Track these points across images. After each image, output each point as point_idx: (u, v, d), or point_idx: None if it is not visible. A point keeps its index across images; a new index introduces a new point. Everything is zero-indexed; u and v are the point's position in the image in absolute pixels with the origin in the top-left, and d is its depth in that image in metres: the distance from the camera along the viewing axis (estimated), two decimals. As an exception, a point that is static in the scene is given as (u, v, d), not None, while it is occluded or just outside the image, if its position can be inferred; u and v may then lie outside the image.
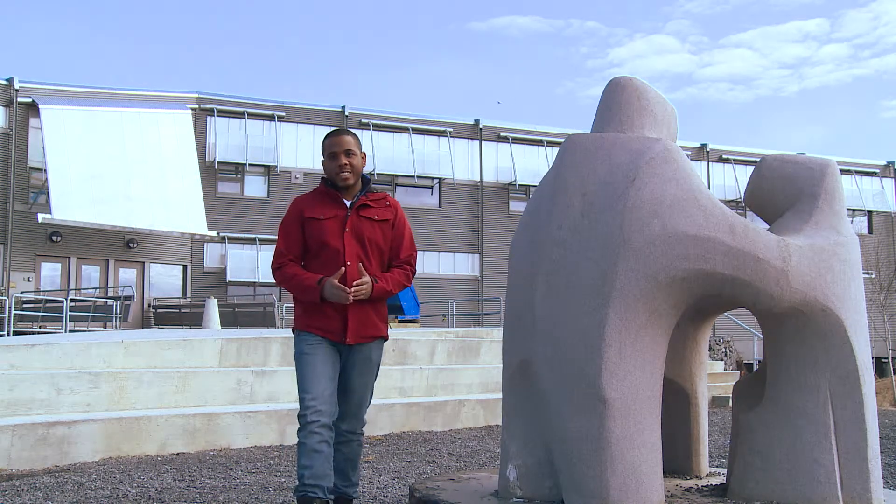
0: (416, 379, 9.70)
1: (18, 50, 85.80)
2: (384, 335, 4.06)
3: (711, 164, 37.48)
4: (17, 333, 18.29)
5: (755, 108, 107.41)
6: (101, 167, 26.71)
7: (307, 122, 31.96)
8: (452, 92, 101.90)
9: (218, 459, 6.58)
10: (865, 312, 3.80)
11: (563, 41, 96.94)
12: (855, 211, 37.93)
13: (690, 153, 36.50)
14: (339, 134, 4.03)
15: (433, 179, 33.75)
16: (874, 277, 26.82)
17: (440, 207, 34.02)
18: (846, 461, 3.60)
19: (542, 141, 35.14)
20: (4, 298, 19.15)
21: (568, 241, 3.57)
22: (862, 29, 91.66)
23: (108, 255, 28.55)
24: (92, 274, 28.53)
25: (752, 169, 4.12)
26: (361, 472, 4.14)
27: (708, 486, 4.01)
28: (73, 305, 21.13)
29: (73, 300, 22.07)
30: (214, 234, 29.38)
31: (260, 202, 31.21)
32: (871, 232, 38.99)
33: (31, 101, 27.34)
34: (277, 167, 31.23)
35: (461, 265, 34.09)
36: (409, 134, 33.44)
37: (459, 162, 34.12)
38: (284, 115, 31.73)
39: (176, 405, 7.61)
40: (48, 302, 22.84)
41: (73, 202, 25.91)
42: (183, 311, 26.63)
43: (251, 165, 30.88)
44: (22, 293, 24.14)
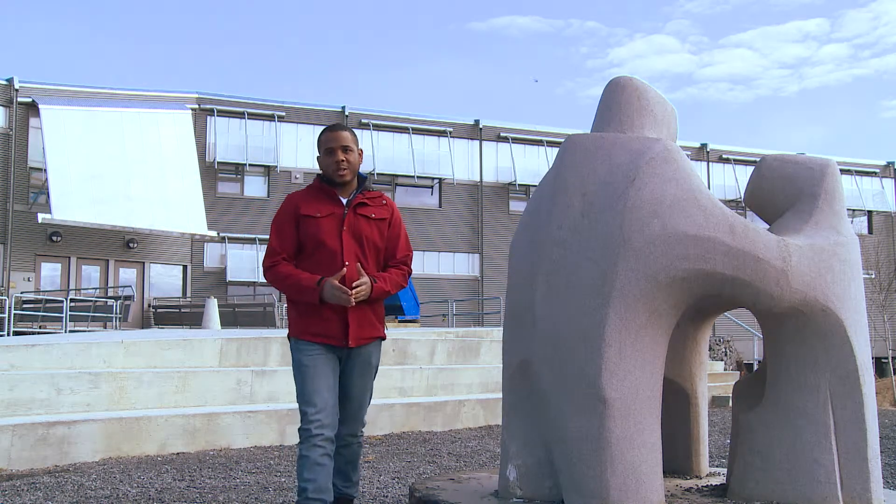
0: (416, 379, 9.70)
1: (18, 50, 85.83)
2: (382, 336, 4.00)
3: (711, 164, 37.48)
4: (17, 333, 18.28)
5: (755, 108, 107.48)
6: (101, 167, 26.72)
7: (307, 122, 31.94)
8: (452, 92, 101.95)
9: (218, 459, 6.58)
10: (865, 312, 3.80)
11: (563, 41, 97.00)
12: (855, 211, 37.93)
13: (690, 153, 36.49)
14: (336, 129, 3.92)
15: (433, 179, 33.75)
16: (874, 277, 26.83)
17: (440, 207, 34.02)
18: (846, 461, 3.60)
19: (542, 141, 35.14)
20: (4, 298, 19.15)
21: (568, 241, 3.57)
22: (862, 29, 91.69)
23: (108, 255, 28.56)
24: (92, 274, 28.53)
25: (752, 169, 4.12)
26: (361, 472, 4.13)
27: (708, 486, 4.01)
28: (73, 305, 21.13)
29: (73, 300, 22.07)
30: (214, 234, 29.39)
31: (260, 202, 31.21)
32: (871, 232, 38.99)
33: (31, 101, 27.35)
34: (277, 167, 31.22)
35: (461, 265, 34.09)
36: (409, 134, 33.44)
37: (459, 162, 34.12)
38: (284, 115, 31.73)
39: (176, 405, 7.61)
40: (48, 302, 22.84)
41: (73, 202, 25.91)
42: (183, 311, 26.64)
43: (251, 165, 30.88)
44: (22, 293, 24.14)
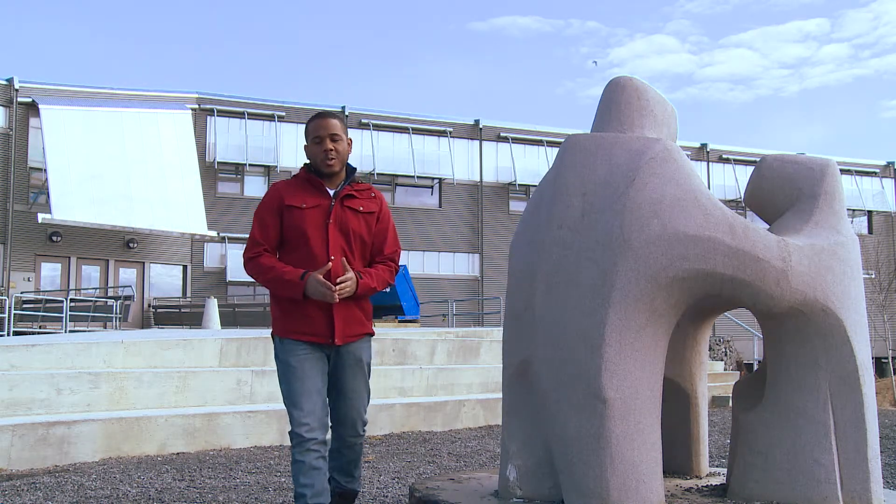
0: (416, 379, 9.69)
1: (18, 50, 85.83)
2: (371, 332, 3.85)
3: (711, 164, 37.49)
4: (17, 333, 18.28)
5: (755, 108, 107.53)
6: (101, 167, 26.73)
7: (307, 121, 31.94)
8: (452, 92, 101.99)
9: (218, 459, 6.58)
10: (865, 312, 3.80)
11: (563, 41, 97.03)
12: (855, 211, 37.94)
13: (690, 153, 36.50)
14: (324, 116, 3.75)
15: (433, 179, 33.76)
16: (874, 277, 26.86)
17: (440, 207, 34.02)
18: (846, 461, 3.60)
19: (542, 141, 35.15)
20: (4, 298, 19.15)
21: (568, 241, 3.57)
22: (862, 29, 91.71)
23: (108, 255, 28.57)
24: (92, 274, 28.54)
25: (752, 169, 4.11)
26: (361, 471, 4.12)
27: (708, 486, 4.01)
28: (73, 305, 21.14)
29: (73, 300, 22.08)
30: (214, 234, 29.39)
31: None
32: (871, 232, 39.00)
33: (31, 101, 27.37)
34: (277, 167, 31.22)
35: (461, 265, 34.09)
36: (409, 134, 33.45)
37: (459, 162, 34.13)
38: (284, 115, 31.74)
39: (176, 405, 7.61)
40: (48, 302, 22.86)
41: (73, 202, 25.93)
42: (183, 311, 26.65)
43: (251, 165, 30.89)
44: (22, 293, 24.15)
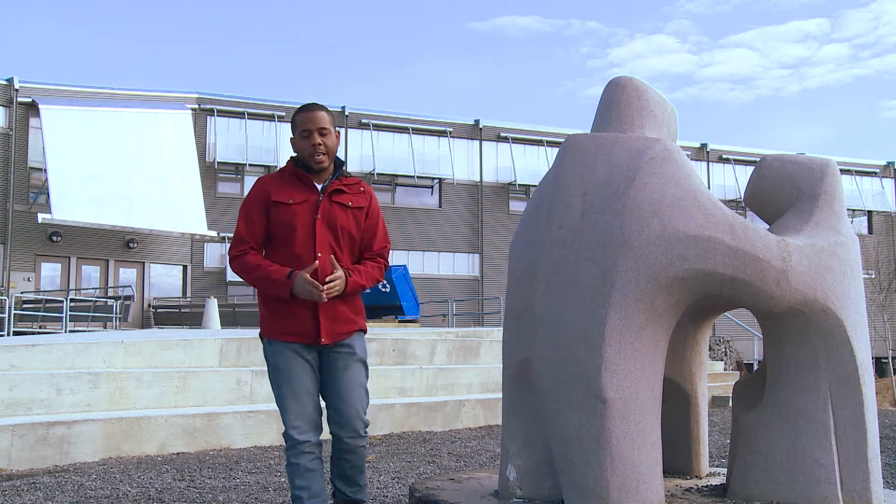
0: (415, 379, 9.69)
1: (18, 50, 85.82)
2: (362, 328, 3.72)
3: (711, 164, 37.49)
4: (17, 333, 18.28)
5: (755, 108, 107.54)
6: (100, 167, 26.73)
7: (294, 113, 31.94)
8: (452, 92, 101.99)
9: (218, 459, 6.58)
10: (865, 312, 3.80)
11: (563, 41, 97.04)
12: (855, 211, 37.94)
13: (690, 153, 36.50)
14: (311, 109, 3.64)
15: (433, 179, 33.76)
16: (874, 277, 26.86)
17: (440, 207, 34.02)
18: (846, 461, 3.60)
19: (542, 141, 35.15)
20: (4, 298, 19.15)
21: (568, 240, 3.57)
22: (862, 29, 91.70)
23: (108, 255, 28.57)
24: (92, 274, 28.54)
25: (752, 169, 4.11)
26: (366, 479, 4.03)
27: (708, 486, 4.01)
28: (73, 305, 21.14)
29: (73, 300, 22.08)
30: (214, 234, 29.38)
31: (260, 202, 31.19)
32: (871, 232, 39.00)
33: (31, 101, 27.36)
34: (277, 167, 31.08)
35: (461, 265, 34.09)
36: (409, 134, 33.44)
37: (459, 162, 34.12)
38: (284, 115, 31.70)
39: (176, 405, 7.61)
40: (48, 302, 22.86)
41: (73, 202, 25.92)
42: (183, 311, 26.64)
43: (251, 165, 30.88)
44: (22, 293, 24.15)
